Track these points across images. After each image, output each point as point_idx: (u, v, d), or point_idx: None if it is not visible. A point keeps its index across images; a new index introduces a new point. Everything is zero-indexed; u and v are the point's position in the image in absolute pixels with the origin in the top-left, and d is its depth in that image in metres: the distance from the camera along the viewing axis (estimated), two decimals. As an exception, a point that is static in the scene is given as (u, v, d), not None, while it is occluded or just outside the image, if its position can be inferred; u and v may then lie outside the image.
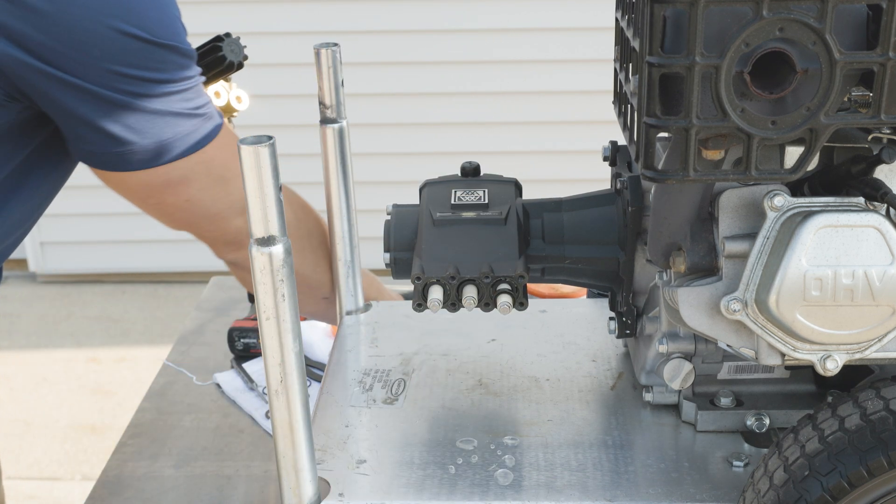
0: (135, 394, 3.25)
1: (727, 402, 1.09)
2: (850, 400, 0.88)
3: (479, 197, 1.10)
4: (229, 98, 1.51)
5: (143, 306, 3.95)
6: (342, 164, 1.32)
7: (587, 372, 1.22)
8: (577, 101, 3.80)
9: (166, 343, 3.30)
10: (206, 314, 1.98)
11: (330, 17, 3.69)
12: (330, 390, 1.19)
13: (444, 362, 1.24)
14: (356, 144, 1.44)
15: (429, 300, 1.03)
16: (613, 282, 1.12)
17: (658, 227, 0.99)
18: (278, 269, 0.85)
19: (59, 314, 3.87)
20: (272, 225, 0.84)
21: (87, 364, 3.57)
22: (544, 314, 1.36)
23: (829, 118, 0.82)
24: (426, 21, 3.74)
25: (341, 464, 1.04)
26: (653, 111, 0.83)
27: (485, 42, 3.75)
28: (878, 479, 0.83)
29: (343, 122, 1.30)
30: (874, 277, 0.87)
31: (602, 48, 2.16)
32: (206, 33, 1.50)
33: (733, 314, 0.91)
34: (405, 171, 3.75)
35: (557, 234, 1.10)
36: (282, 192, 1.13)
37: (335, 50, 1.25)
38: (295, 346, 0.90)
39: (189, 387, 1.72)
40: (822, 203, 0.90)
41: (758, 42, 0.80)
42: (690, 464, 1.04)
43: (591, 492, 1.00)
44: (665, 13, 0.80)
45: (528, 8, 3.69)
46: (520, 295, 1.04)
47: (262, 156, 0.81)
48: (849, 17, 0.81)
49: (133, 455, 1.53)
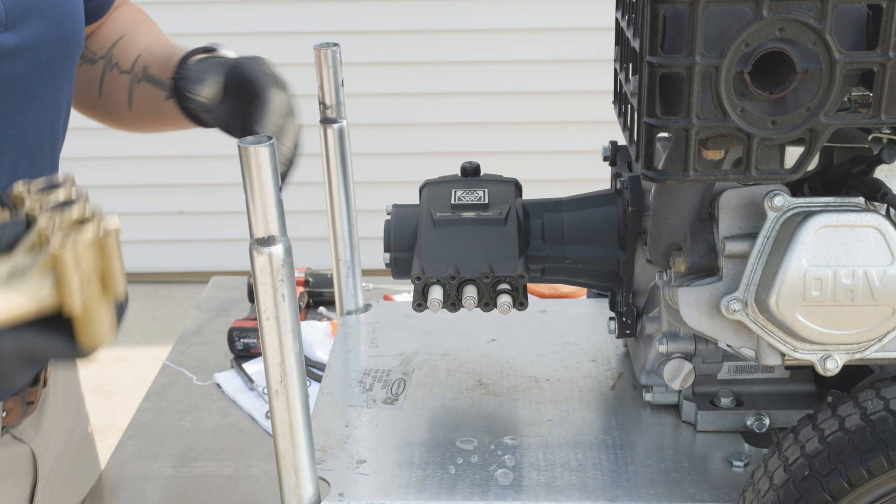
0: (135, 394, 3.26)
1: (727, 402, 1.09)
2: (850, 400, 0.88)
3: (479, 197, 1.10)
4: None
5: (143, 306, 3.95)
6: (342, 164, 1.32)
7: (587, 372, 1.22)
8: (577, 101, 3.80)
9: (166, 343, 3.30)
10: (206, 314, 1.98)
11: (330, 17, 3.69)
12: (330, 390, 1.19)
13: (444, 362, 1.24)
14: (356, 144, 1.44)
15: (429, 300, 1.03)
16: (613, 282, 1.12)
17: (658, 227, 0.99)
18: (278, 269, 0.85)
19: (58, 314, 3.87)
20: (272, 225, 0.84)
21: (87, 364, 3.57)
22: (544, 314, 1.36)
23: (829, 118, 0.82)
24: (426, 21, 3.74)
25: (341, 464, 1.04)
26: (653, 111, 0.84)
27: (485, 42, 3.75)
28: (878, 479, 0.83)
29: (343, 122, 1.30)
30: (874, 277, 0.87)
31: (602, 48, 2.16)
32: (207, 33, 1.50)
33: (733, 314, 0.91)
34: (405, 171, 3.75)
35: (557, 234, 1.10)
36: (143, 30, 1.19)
37: (335, 50, 1.25)
38: (295, 346, 0.90)
39: (189, 387, 1.72)
40: (822, 203, 0.90)
41: (758, 42, 0.80)
42: (690, 464, 1.04)
43: (591, 492, 1.00)
44: (665, 13, 0.80)
45: (528, 8, 3.69)
46: (520, 295, 1.04)
47: (262, 156, 0.81)
48: (849, 17, 0.81)
49: (133, 455, 1.53)
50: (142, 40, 1.26)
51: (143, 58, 1.22)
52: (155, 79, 1.20)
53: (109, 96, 1.26)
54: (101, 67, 1.26)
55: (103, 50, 1.26)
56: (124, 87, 1.23)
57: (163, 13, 3.12)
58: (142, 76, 1.22)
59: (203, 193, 3.96)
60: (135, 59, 1.23)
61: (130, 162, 3.90)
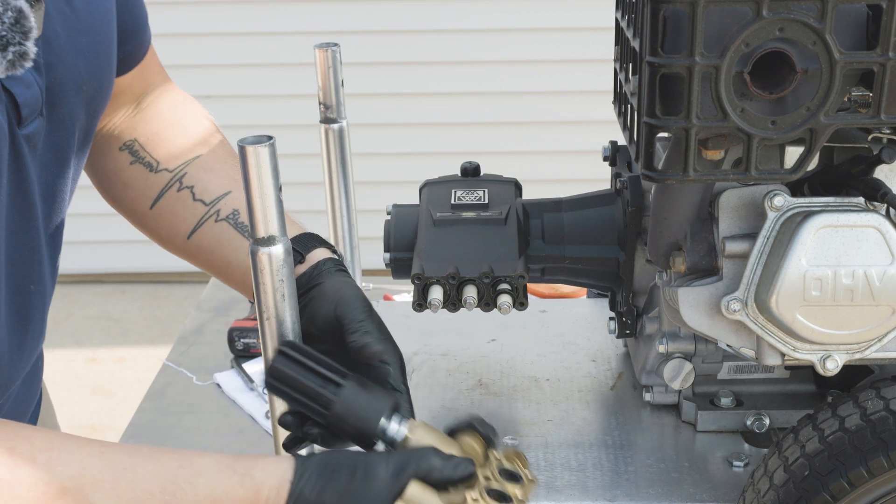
0: (135, 394, 3.25)
1: (727, 402, 1.09)
2: (850, 400, 0.88)
3: (479, 197, 1.10)
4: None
5: (143, 306, 3.95)
6: (342, 164, 1.32)
7: (587, 372, 1.22)
8: (577, 101, 3.80)
9: (166, 343, 3.30)
10: (206, 314, 1.98)
11: (330, 17, 3.69)
12: (330, 390, 1.19)
13: (444, 362, 1.24)
14: (356, 144, 1.44)
15: (429, 300, 1.03)
16: (613, 282, 1.12)
17: (658, 227, 0.99)
18: (278, 269, 0.85)
19: (58, 314, 3.87)
20: (272, 225, 0.84)
21: (86, 364, 3.57)
22: (544, 314, 1.36)
23: (828, 118, 0.82)
24: (426, 21, 3.74)
25: (341, 464, 1.04)
26: (653, 111, 0.83)
27: (485, 42, 3.75)
28: (878, 479, 0.83)
29: (343, 122, 1.30)
30: (874, 277, 0.87)
31: (602, 48, 2.16)
32: (207, 33, 1.50)
33: (733, 314, 0.91)
34: (405, 171, 3.75)
35: (557, 234, 1.10)
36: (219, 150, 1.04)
37: (335, 50, 1.25)
38: (295, 346, 0.89)
39: (189, 387, 1.71)
40: (821, 203, 0.90)
41: (758, 42, 0.80)
42: (690, 464, 1.04)
43: (591, 492, 1.00)
44: (665, 13, 0.80)
45: (528, 8, 3.69)
46: (520, 295, 1.04)
47: (262, 156, 0.81)
48: (849, 17, 0.81)
49: (133, 455, 1.52)
50: (227, 172, 1.10)
51: (233, 198, 1.07)
52: (246, 228, 1.05)
53: (165, 216, 1.10)
54: (164, 181, 1.09)
55: (171, 162, 1.09)
56: (192, 217, 1.08)
57: (163, 13, 3.12)
58: (226, 217, 1.07)
59: (203, 193, 3.97)
60: (222, 195, 1.07)
61: (130, 162, 3.90)
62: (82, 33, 0.90)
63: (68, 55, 0.89)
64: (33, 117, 0.85)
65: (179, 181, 1.09)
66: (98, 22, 0.93)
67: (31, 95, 0.84)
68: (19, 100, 0.83)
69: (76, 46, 0.90)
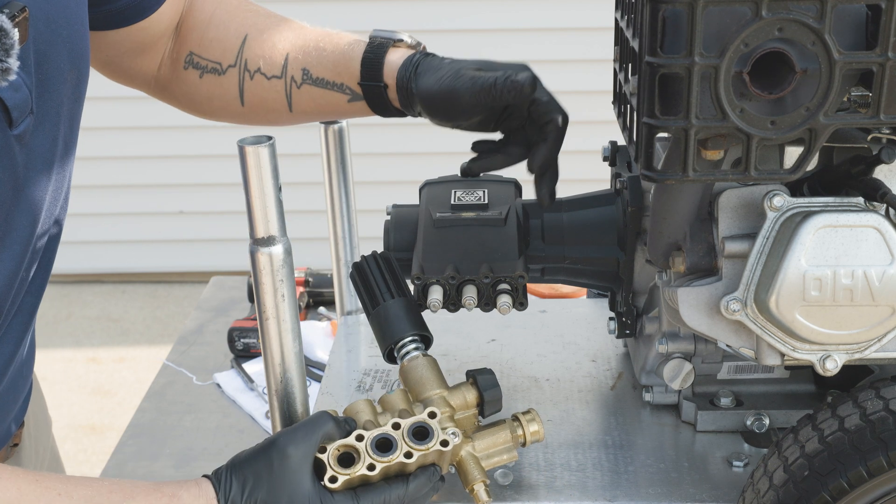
0: (135, 394, 3.26)
1: (727, 402, 1.09)
2: (849, 400, 0.88)
3: (479, 197, 1.10)
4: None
5: (143, 306, 3.95)
6: (342, 164, 1.32)
7: (587, 372, 1.22)
8: (577, 101, 3.79)
9: (166, 343, 3.30)
10: (206, 314, 1.98)
11: (330, 18, 3.69)
12: (330, 390, 1.19)
13: (444, 362, 1.24)
14: (356, 144, 1.44)
15: (428, 300, 1.03)
16: (613, 282, 1.12)
17: (658, 227, 0.99)
18: (278, 269, 0.85)
19: (58, 314, 3.87)
20: (272, 225, 0.84)
21: (86, 364, 3.57)
22: (544, 314, 1.36)
23: (828, 118, 0.82)
24: (426, 21, 3.74)
25: (341, 464, 1.04)
26: (652, 111, 0.84)
27: (485, 42, 3.74)
28: (878, 479, 0.83)
29: (343, 121, 1.30)
30: (873, 277, 0.87)
31: (602, 48, 2.16)
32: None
33: (733, 314, 0.91)
34: (405, 171, 3.75)
35: (557, 235, 1.10)
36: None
37: (335, 50, 1.24)
38: (295, 346, 0.90)
39: (189, 387, 1.72)
40: (821, 203, 0.90)
41: (757, 42, 0.80)
42: (690, 464, 1.04)
43: (591, 492, 1.00)
44: (664, 13, 0.80)
45: (528, 8, 3.69)
46: (520, 295, 1.04)
47: (262, 156, 0.81)
48: (848, 17, 0.81)
49: (133, 455, 1.53)
50: (275, 37, 1.14)
51: (294, 59, 1.12)
52: (327, 82, 1.11)
53: (258, 104, 1.15)
54: (235, 77, 1.14)
55: (228, 57, 1.14)
56: (278, 94, 1.13)
57: (163, 13, 3.12)
58: (303, 80, 1.12)
59: (203, 193, 3.96)
60: (282, 61, 1.12)
61: (130, 162, 3.90)
62: (62, 25, 0.92)
63: (52, 50, 0.90)
64: (23, 118, 0.86)
65: (246, 70, 1.15)
66: (74, 7, 0.95)
67: (21, 98, 0.86)
68: (9, 104, 0.84)
69: (59, 38, 0.91)
